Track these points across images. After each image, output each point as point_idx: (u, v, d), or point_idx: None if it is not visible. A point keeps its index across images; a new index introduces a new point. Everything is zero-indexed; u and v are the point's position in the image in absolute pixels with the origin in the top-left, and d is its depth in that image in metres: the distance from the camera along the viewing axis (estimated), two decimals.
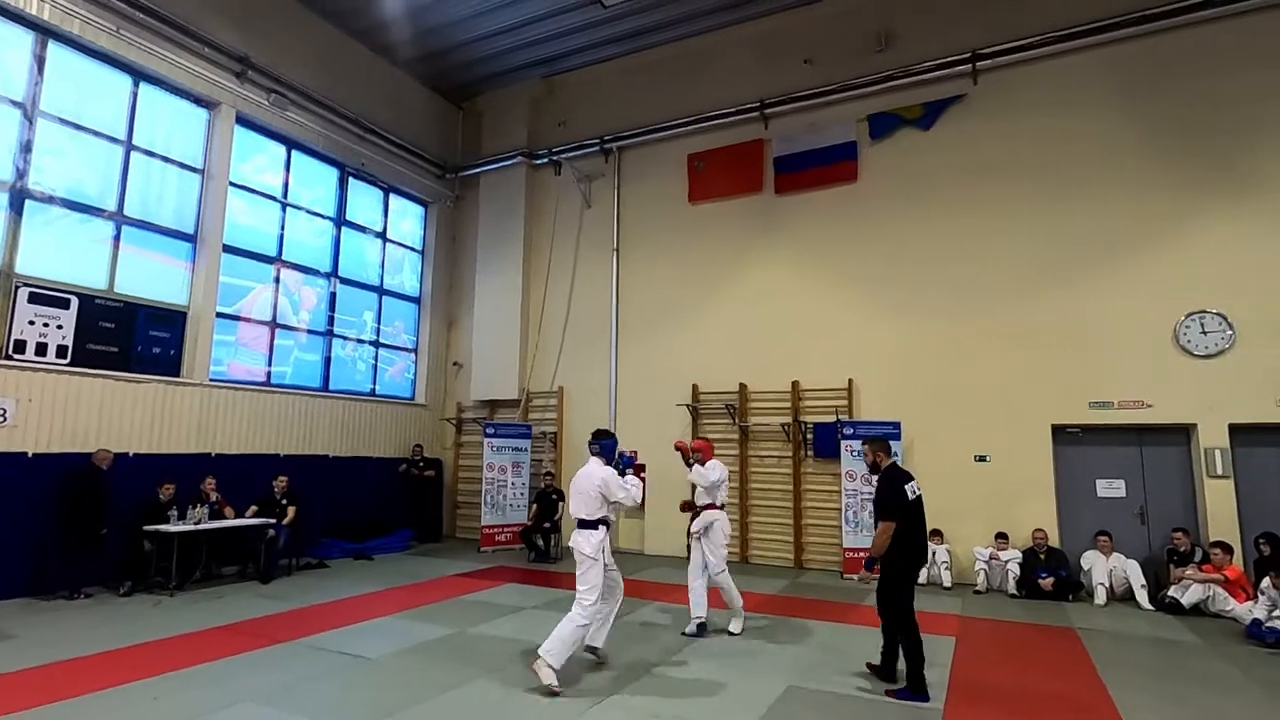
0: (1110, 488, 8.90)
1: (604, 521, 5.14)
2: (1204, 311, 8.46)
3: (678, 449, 6.91)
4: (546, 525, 10.65)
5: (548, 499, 10.88)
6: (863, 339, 10.24)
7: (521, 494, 11.77)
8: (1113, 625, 7.04)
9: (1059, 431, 9.08)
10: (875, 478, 5.19)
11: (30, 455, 7.60)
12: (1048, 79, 9.58)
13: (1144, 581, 7.92)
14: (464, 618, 6.89)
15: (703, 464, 6.75)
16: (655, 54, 12.33)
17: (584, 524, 5.12)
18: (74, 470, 7.67)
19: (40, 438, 7.72)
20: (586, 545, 5.05)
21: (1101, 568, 8.11)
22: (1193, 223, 8.69)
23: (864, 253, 10.44)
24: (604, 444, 5.39)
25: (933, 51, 10.10)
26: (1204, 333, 8.43)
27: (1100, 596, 7.93)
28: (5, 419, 7.44)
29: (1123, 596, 8.06)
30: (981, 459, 9.36)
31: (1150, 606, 7.71)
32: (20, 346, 7.70)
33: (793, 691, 4.91)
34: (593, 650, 5.37)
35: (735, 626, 6.51)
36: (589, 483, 5.15)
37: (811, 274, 10.80)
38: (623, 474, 5.32)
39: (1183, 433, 8.62)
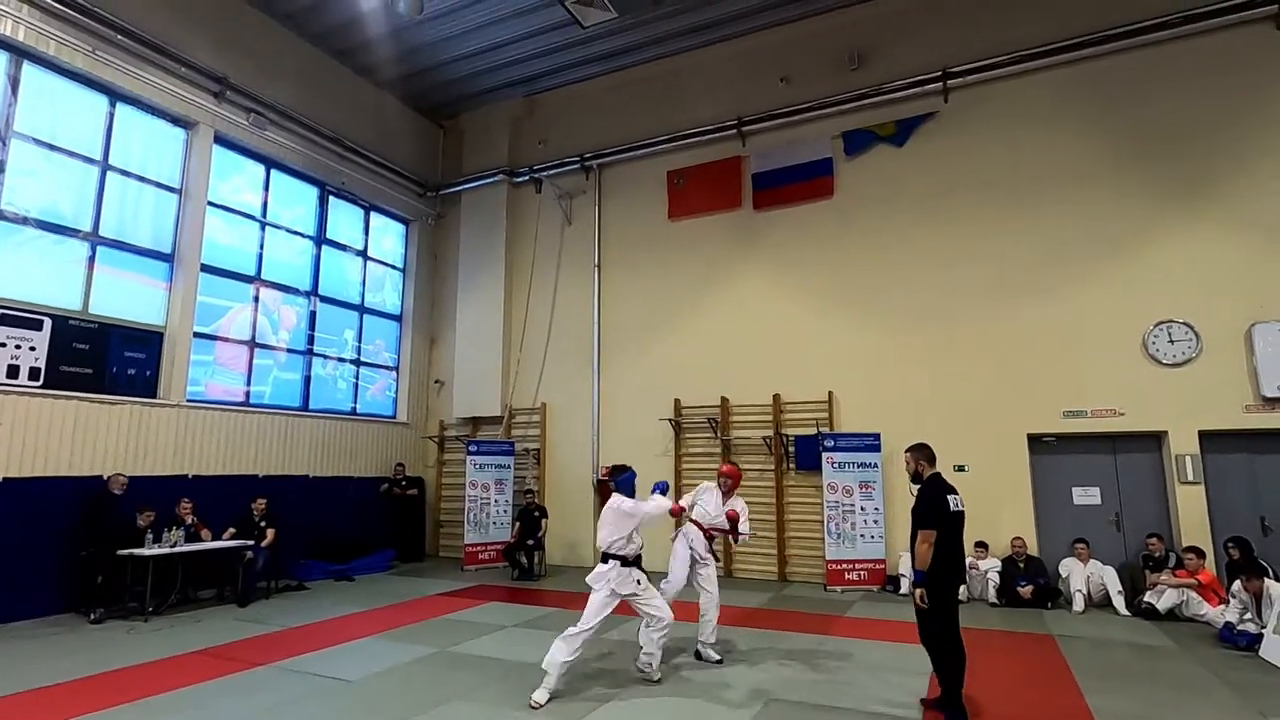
0: (1086, 495, 9.04)
1: (616, 557, 5.32)
2: (1171, 321, 8.67)
3: (730, 519, 6.62)
4: (530, 542, 10.59)
5: (530, 516, 10.83)
6: (842, 351, 10.36)
7: (505, 512, 11.71)
8: (1090, 631, 7.14)
9: (1035, 440, 9.22)
10: (916, 487, 4.95)
11: (1, 479, 7.46)
12: (1016, 96, 9.84)
13: (1120, 587, 8.03)
14: (446, 637, 6.83)
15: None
16: (634, 73, 12.49)
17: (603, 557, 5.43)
18: (89, 494, 7.92)
19: (12, 461, 7.58)
20: (591, 575, 5.39)
21: (1079, 575, 8.22)
22: (1158, 234, 8.94)
23: (841, 267, 10.59)
24: (619, 480, 5.79)
25: (905, 70, 10.34)
26: (1171, 341, 8.63)
27: (1078, 603, 8.03)
28: None
29: (1100, 603, 8.17)
30: (960, 469, 9.44)
31: (1127, 612, 7.82)
32: None
33: (773, 705, 4.92)
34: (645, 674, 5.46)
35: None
36: (606, 514, 5.51)
37: (790, 288, 10.93)
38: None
39: (1154, 440, 8.79)
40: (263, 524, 9.02)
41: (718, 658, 6.01)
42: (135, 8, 9.05)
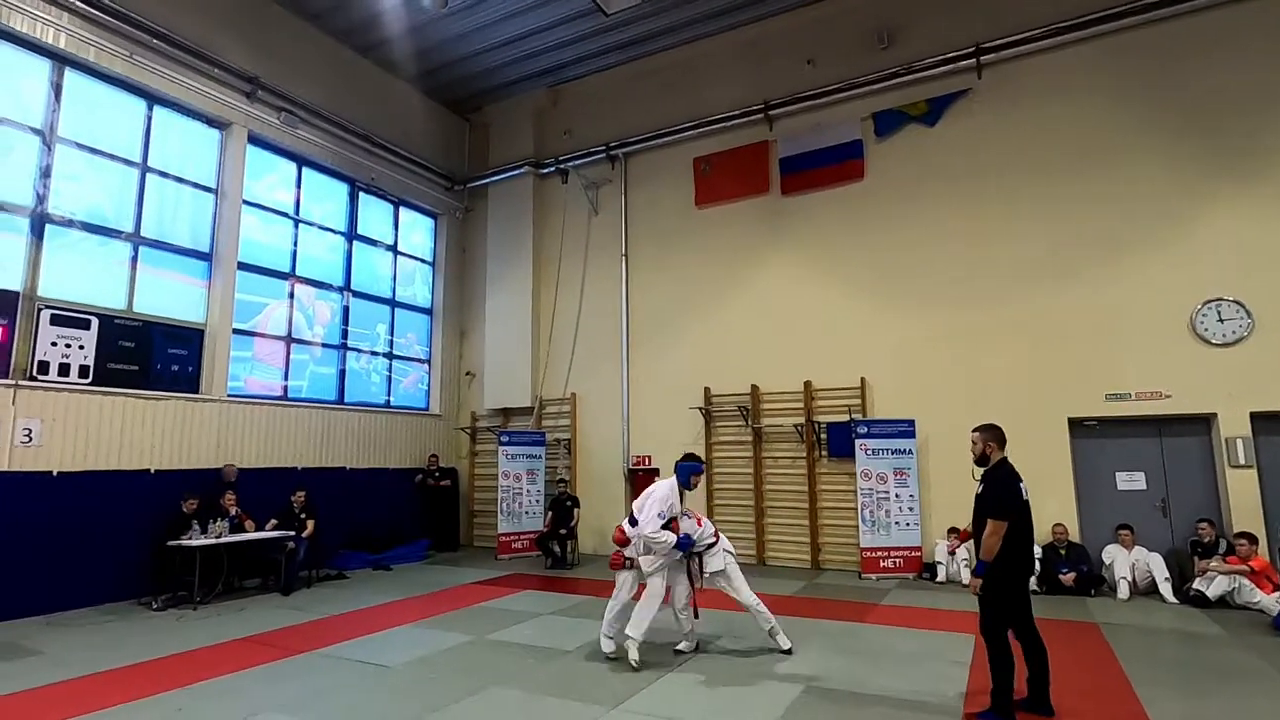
0: (1130, 480, 8.79)
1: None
2: (1220, 299, 8.35)
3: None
4: (562, 532, 10.68)
5: (563, 506, 10.91)
6: (874, 337, 10.20)
7: (537, 501, 11.81)
8: (1136, 619, 6.95)
9: (1076, 425, 8.98)
10: (981, 471, 4.57)
11: (55, 474, 7.75)
12: (1053, 70, 9.53)
13: (1168, 574, 7.81)
14: (483, 625, 6.93)
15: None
16: (658, 60, 12.39)
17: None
18: (208, 483, 8.80)
19: (64, 457, 7.87)
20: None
21: (1124, 561, 8.01)
22: (1205, 209, 8.60)
23: (873, 250, 10.41)
24: (678, 465, 5.89)
25: (936, 47, 10.08)
26: (1221, 320, 8.31)
27: (1123, 591, 7.83)
28: (31, 439, 7.60)
29: (1146, 590, 7.95)
30: None
31: (1175, 600, 7.60)
32: (44, 367, 7.87)
33: (811, 691, 4.89)
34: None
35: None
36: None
37: (821, 273, 10.78)
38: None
39: (1203, 422, 8.50)
40: (303, 515, 9.24)
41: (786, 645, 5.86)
42: (169, 11, 9.24)
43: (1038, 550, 8.42)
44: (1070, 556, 8.26)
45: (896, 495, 9.47)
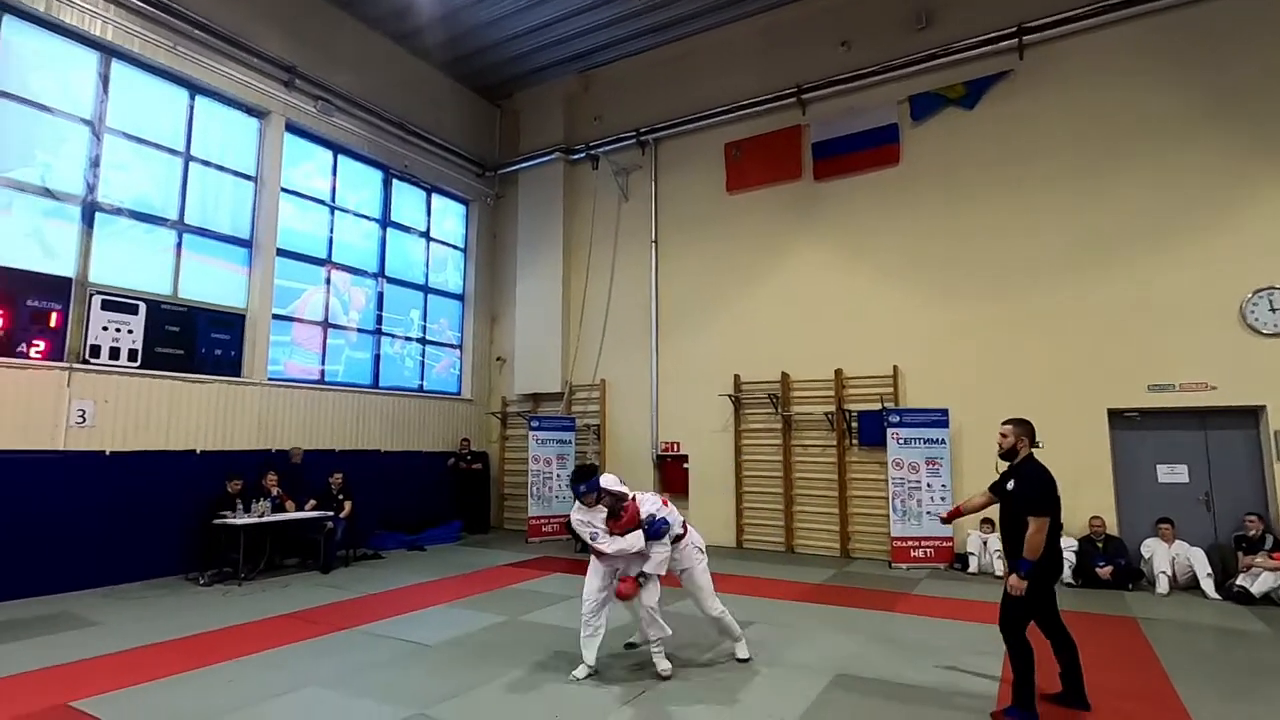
0: (1172, 473, 8.58)
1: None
2: (1272, 288, 8.07)
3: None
4: None
5: None
6: (907, 325, 10.07)
7: (567, 486, 11.93)
8: (1176, 615, 6.82)
9: (1116, 416, 8.79)
10: (1007, 464, 4.45)
11: (107, 454, 8.06)
12: (1097, 51, 9.22)
13: (1210, 570, 7.63)
14: (516, 606, 7.07)
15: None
16: (689, 44, 12.27)
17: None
18: (277, 466, 9.31)
19: (116, 437, 8.18)
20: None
21: (1163, 556, 7.85)
22: (1256, 195, 8.28)
23: (907, 236, 10.25)
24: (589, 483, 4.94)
25: (976, 27, 9.81)
26: (1273, 310, 8.04)
27: (1162, 585, 7.68)
28: (85, 420, 7.91)
29: (1186, 585, 7.79)
30: (1035, 445, 9.09)
31: (1217, 595, 7.43)
32: (95, 351, 8.16)
33: (841, 679, 4.91)
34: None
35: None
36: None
37: (853, 260, 10.65)
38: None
39: (1250, 415, 8.25)
40: (340, 496, 9.49)
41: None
42: (209, 2, 9.40)
43: (1073, 543, 8.32)
44: (1108, 550, 8.12)
45: (928, 485, 9.38)
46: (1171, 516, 8.10)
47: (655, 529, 4.94)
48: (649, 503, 5.08)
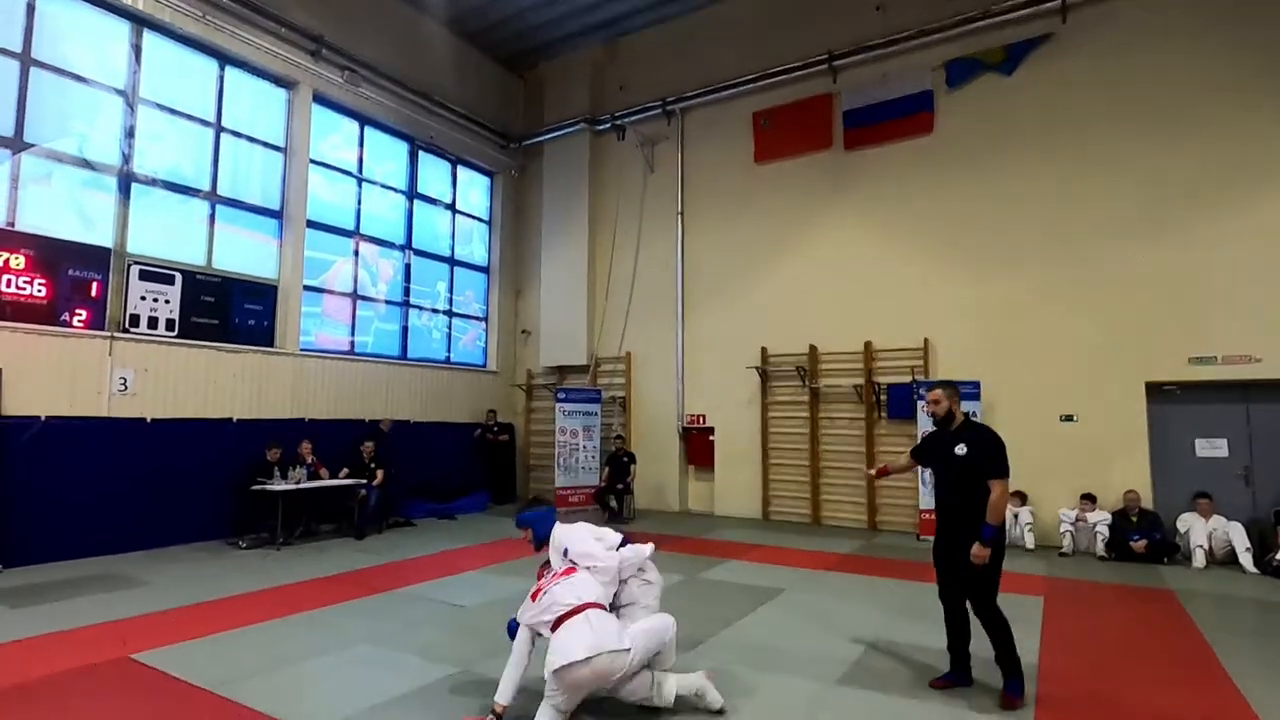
0: (1211, 447, 8.44)
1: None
2: None
3: None
4: (619, 487, 10.89)
5: (619, 462, 11.10)
6: (939, 296, 9.93)
7: (593, 457, 12.03)
8: (1214, 588, 6.76)
9: (1154, 389, 8.63)
10: (952, 430, 4.16)
11: (149, 421, 8.24)
12: (1146, 11, 8.90)
13: (1248, 544, 7.53)
14: None
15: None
16: (716, 11, 12.04)
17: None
18: (367, 436, 9.95)
19: (156, 405, 8.36)
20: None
21: (1200, 530, 7.76)
22: None
23: (940, 207, 10.06)
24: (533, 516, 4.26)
25: None
26: None
27: (1199, 559, 7.60)
28: (126, 388, 8.08)
29: (1223, 560, 7.70)
30: (1068, 419, 9.01)
31: (1255, 570, 7.34)
32: (135, 320, 8.31)
33: (876, 647, 4.94)
34: None
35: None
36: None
37: (884, 230, 10.49)
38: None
39: None
40: (372, 465, 9.64)
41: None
42: None
43: (1106, 516, 8.25)
44: (1141, 524, 8.03)
45: None
46: (1210, 491, 7.99)
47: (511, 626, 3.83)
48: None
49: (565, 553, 3.94)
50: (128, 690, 4.05)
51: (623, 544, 4.08)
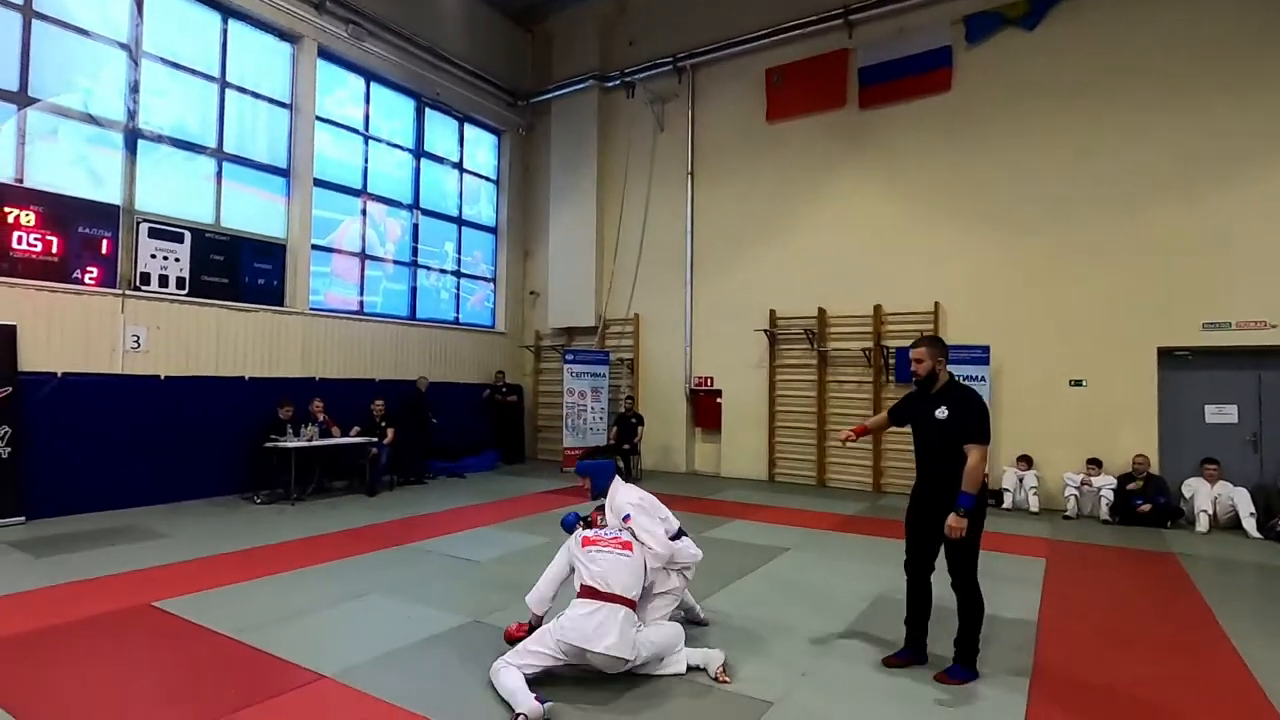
0: (1220, 414, 8.42)
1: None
2: None
3: None
4: (626, 447, 10.99)
5: (627, 423, 11.19)
6: (951, 260, 9.82)
7: (600, 418, 12.12)
8: (1216, 552, 6.81)
9: (1166, 355, 8.58)
10: (934, 392, 3.82)
11: (163, 378, 8.34)
12: None
13: (1253, 509, 7.56)
14: (554, 529, 7.20)
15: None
16: None
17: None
18: (404, 393, 10.68)
19: (169, 362, 8.44)
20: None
21: (1205, 495, 7.79)
22: None
23: (956, 167, 9.88)
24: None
25: None
26: None
27: (1202, 524, 7.65)
28: (139, 345, 8.15)
29: (1227, 525, 7.74)
30: (1077, 383, 8.99)
31: (1258, 535, 7.39)
32: (146, 279, 8.33)
33: (884, 599, 5.03)
34: None
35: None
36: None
37: (898, 192, 10.33)
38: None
39: None
40: (383, 423, 9.75)
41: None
42: None
43: (1111, 481, 8.29)
44: (1147, 488, 8.06)
45: None
46: (1217, 457, 7.99)
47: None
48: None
49: (626, 518, 3.97)
50: (150, 635, 4.18)
51: (678, 534, 4.16)
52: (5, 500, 6.98)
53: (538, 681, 3.36)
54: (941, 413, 3.71)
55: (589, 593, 3.59)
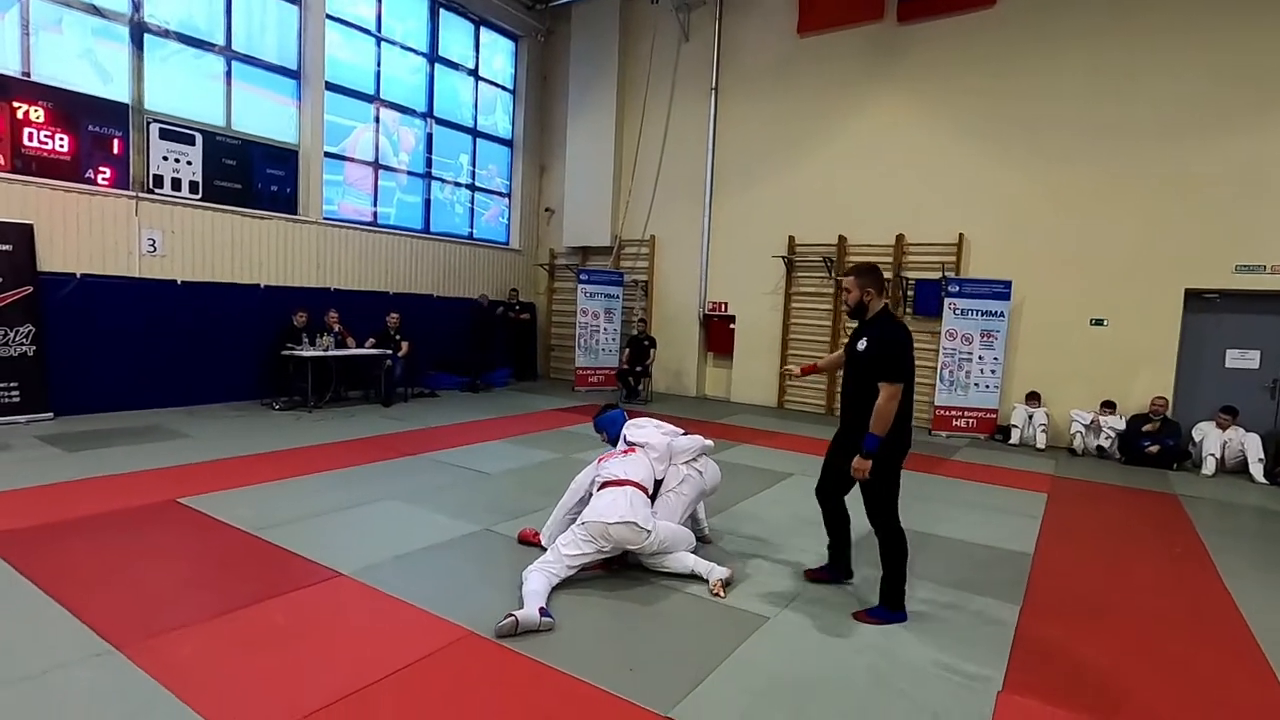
0: (1242, 359, 8.28)
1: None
2: None
3: None
4: (638, 369, 11.07)
5: (640, 345, 11.22)
6: (979, 189, 9.49)
7: (613, 339, 12.14)
8: (1219, 494, 6.87)
9: (1193, 297, 8.37)
10: (858, 323, 3.69)
11: (179, 283, 8.39)
12: None
13: (1262, 455, 7.55)
14: (566, 445, 7.45)
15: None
16: None
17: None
18: (474, 306, 11.81)
19: (185, 267, 8.47)
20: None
21: (1215, 439, 7.78)
22: None
23: (993, 91, 9.38)
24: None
25: None
26: None
27: (1209, 467, 7.67)
28: (155, 249, 8.16)
29: (1234, 470, 7.77)
30: (1098, 322, 8.84)
31: (1264, 480, 7.41)
32: (159, 181, 8.25)
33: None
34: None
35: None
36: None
37: (929, 116, 9.87)
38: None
39: None
40: (397, 336, 9.83)
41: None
42: None
43: (1121, 422, 8.27)
44: (1159, 430, 8.03)
45: (980, 357, 9.27)
46: (1235, 403, 7.90)
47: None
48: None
49: (626, 438, 4.48)
50: (175, 527, 4.38)
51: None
52: (35, 396, 7.20)
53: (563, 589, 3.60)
54: (862, 344, 3.57)
55: (605, 486, 3.93)
